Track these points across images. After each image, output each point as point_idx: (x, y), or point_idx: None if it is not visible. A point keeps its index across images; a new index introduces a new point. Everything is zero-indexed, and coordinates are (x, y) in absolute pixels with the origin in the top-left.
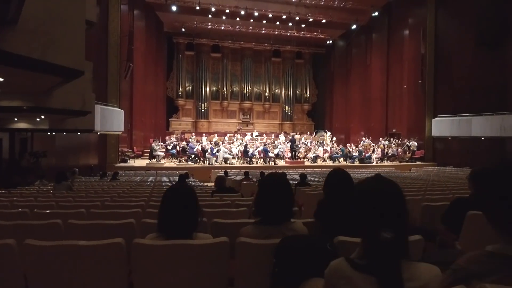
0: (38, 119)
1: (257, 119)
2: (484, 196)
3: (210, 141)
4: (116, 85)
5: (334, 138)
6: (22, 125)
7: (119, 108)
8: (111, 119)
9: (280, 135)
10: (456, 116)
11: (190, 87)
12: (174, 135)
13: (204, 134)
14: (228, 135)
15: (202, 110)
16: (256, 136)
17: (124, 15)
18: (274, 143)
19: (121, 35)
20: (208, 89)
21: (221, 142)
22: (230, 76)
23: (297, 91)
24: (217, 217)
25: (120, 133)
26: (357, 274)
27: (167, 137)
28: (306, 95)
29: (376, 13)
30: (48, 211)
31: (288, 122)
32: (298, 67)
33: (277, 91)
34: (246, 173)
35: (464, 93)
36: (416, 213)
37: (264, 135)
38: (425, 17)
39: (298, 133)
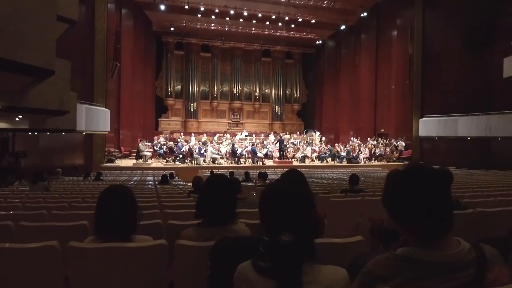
0: (17, 119)
1: (247, 119)
2: (393, 198)
3: (199, 141)
4: (103, 84)
5: (324, 138)
6: (1, 125)
7: (106, 107)
8: (96, 119)
9: (270, 135)
10: (443, 116)
11: (180, 87)
12: (163, 135)
13: (192, 134)
14: (217, 135)
15: (192, 110)
16: (246, 136)
17: (111, 13)
18: (263, 143)
19: (108, 34)
20: (197, 89)
21: (209, 142)
22: (220, 76)
23: (287, 91)
24: (179, 219)
25: (106, 133)
26: (258, 277)
27: (155, 137)
28: (296, 95)
29: (365, 14)
30: (11, 212)
31: (278, 122)
32: (288, 67)
33: (267, 91)
34: (231, 173)
35: (451, 94)
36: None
37: (254, 135)
38: (413, 18)
39: (288, 133)
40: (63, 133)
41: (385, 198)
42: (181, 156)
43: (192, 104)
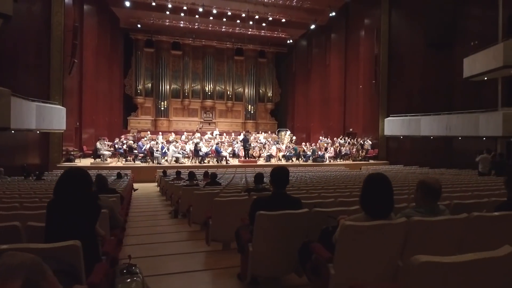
0: None
1: (220, 118)
2: None
3: (167, 140)
4: (60, 81)
5: (294, 137)
6: None
7: (64, 105)
8: (50, 117)
9: (241, 134)
10: (406, 116)
11: (150, 85)
12: (131, 134)
13: (160, 133)
14: (185, 133)
15: (162, 109)
16: (217, 135)
17: (69, 9)
18: (232, 142)
19: (66, 30)
20: (168, 87)
21: (174, 141)
22: (191, 74)
23: (260, 90)
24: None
25: (62, 131)
26: None
27: (123, 136)
28: (269, 94)
29: (333, 13)
30: None
31: (251, 121)
32: (261, 66)
33: (240, 89)
34: (178, 173)
35: (415, 93)
36: None
37: (225, 134)
38: (379, 18)
39: (260, 131)
40: (12, 131)
41: None
42: (142, 155)
43: (162, 103)
